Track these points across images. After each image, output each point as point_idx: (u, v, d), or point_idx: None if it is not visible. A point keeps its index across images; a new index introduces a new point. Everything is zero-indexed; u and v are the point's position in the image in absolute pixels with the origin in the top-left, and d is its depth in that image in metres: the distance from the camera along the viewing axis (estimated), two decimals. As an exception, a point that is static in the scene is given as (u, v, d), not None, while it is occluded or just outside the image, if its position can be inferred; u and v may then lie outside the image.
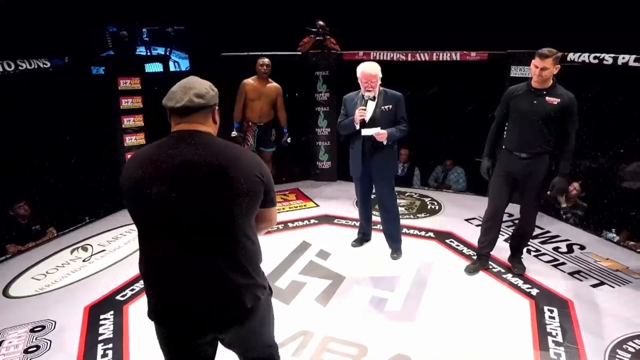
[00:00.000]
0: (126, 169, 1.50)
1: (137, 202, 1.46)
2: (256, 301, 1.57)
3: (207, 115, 1.55)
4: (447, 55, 5.10)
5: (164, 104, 1.54)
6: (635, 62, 3.79)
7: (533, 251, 3.92)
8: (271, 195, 1.61)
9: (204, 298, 1.49)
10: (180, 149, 1.46)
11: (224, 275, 1.49)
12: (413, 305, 3.13)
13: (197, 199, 1.43)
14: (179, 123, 1.52)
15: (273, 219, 1.69)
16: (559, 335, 2.79)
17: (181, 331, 1.55)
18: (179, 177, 1.43)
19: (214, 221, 1.46)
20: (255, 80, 4.73)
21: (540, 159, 3.15)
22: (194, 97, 1.50)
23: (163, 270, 1.51)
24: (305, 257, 3.78)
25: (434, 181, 6.07)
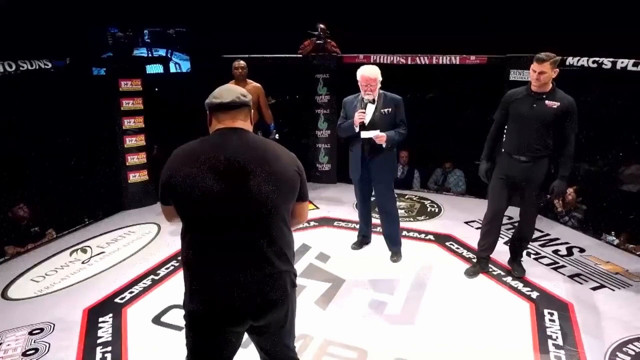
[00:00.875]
0: (172, 163, 1.60)
1: (188, 196, 1.55)
2: (293, 287, 1.70)
3: (248, 114, 1.70)
4: (447, 59, 5.11)
5: (209, 103, 1.66)
6: (633, 67, 3.80)
7: (533, 254, 3.91)
8: (305, 190, 1.73)
9: (251, 283, 1.58)
10: (227, 144, 1.58)
11: (269, 259, 1.60)
12: (413, 308, 3.13)
13: (244, 190, 1.54)
14: (222, 120, 1.65)
15: (305, 214, 1.82)
16: (559, 339, 2.79)
17: (222, 319, 1.61)
18: (228, 170, 1.54)
19: (260, 210, 1.56)
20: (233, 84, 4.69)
21: (539, 162, 3.15)
22: (240, 95, 1.66)
23: (210, 258, 1.58)
24: (305, 260, 3.77)
25: (433, 184, 6.07)
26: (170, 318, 3.00)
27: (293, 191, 1.66)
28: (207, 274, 1.59)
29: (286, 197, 1.63)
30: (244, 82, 4.69)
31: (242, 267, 1.57)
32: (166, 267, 3.71)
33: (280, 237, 1.63)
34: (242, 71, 4.62)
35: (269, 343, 1.76)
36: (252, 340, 1.81)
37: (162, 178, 1.62)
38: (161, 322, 2.98)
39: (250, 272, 1.58)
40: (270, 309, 1.64)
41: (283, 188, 1.60)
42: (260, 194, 1.55)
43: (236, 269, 1.57)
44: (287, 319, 1.73)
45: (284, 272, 1.64)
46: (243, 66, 4.63)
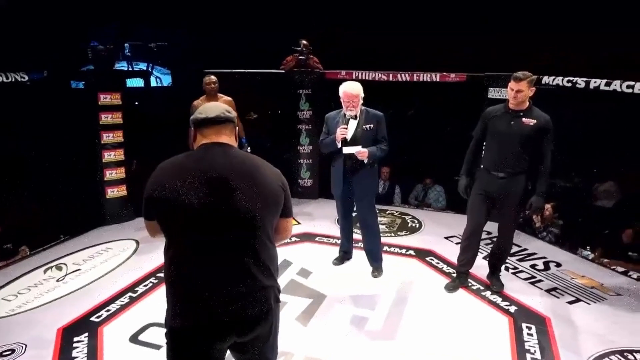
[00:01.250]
0: (156, 178, 1.60)
1: (171, 211, 1.54)
2: (276, 302, 1.70)
3: (233, 130, 1.72)
4: (428, 76, 5.21)
5: (194, 119, 1.68)
6: (605, 87, 3.94)
7: (511, 269, 3.97)
8: (289, 206, 1.75)
9: (235, 298, 1.57)
10: (212, 159, 1.60)
11: (253, 275, 1.59)
12: (394, 324, 3.13)
13: (229, 205, 1.54)
14: (207, 135, 1.66)
15: (289, 230, 1.82)
16: (537, 352, 2.82)
17: (205, 335, 1.59)
18: (213, 185, 1.54)
19: (244, 226, 1.57)
20: (204, 100, 4.66)
21: (516, 178, 3.23)
22: (224, 111, 1.69)
23: (194, 273, 1.57)
24: (286, 276, 3.75)
25: (414, 199, 6.13)
26: (148, 336, 2.94)
27: (277, 207, 1.67)
28: (190, 290, 1.58)
29: (270, 212, 1.64)
30: (215, 97, 4.68)
31: (226, 283, 1.56)
32: (144, 284, 3.64)
33: (264, 252, 1.62)
34: (214, 86, 4.62)
35: (252, 359, 1.74)
36: (235, 357, 1.78)
37: (146, 192, 1.61)
38: (139, 340, 2.91)
39: (234, 287, 1.57)
40: (255, 325, 1.63)
41: (267, 203, 1.61)
42: (244, 209, 1.55)
43: (220, 284, 1.56)
44: (271, 335, 1.72)
45: (268, 287, 1.64)
46: (214, 81, 4.63)
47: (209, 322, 1.57)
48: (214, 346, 1.62)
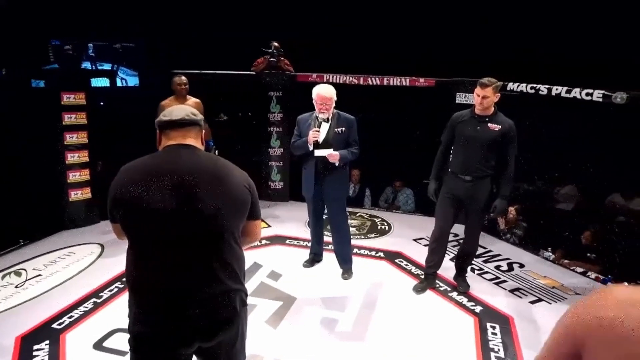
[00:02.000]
0: (120, 180, 1.56)
1: (135, 213, 1.51)
2: (242, 306, 1.67)
3: (199, 133, 1.69)
4: (398, 81, 5.30)
5: (158, 121, 1.65)
6: (566, 94, 4.10)
7: (477, 270, 4.08)
8: (257, 208, 1.72)
9: (200, 302, 1.54)
10: (177, 161, 1.57)
11: (219, 278, 1.57)
12: (363, 325, 3.16)
13: (194, 208, 1.51)
14: (173, 138, 1.63)
15: (257, 233, 1.80)
16: (501, 351, 2.91)
17: (169, 340, 1.56)
18: (178, 187, 1.51)
19: (209, 228, 1.54)
20: (172, 100, 4.60)
21: (482, 181, 3.32)
22: (190, 113, 1.66)
23: (157, 277, 1.54)
24: (256, 279, 3.72)
25: (384, 202, 6.21)
26: (114, 343, 2.86)
27: (244, 209, 1.65)
28: (153, 294, 1.54)
29: (237, 215, 1.62)
30: (184, 99, 4.62)
31: (190, 286, 1.53)
32: (109, 289, 3.54)
33: (230, 255, 1.60)
34: (184, 87, 4.56)
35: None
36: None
37: (109, 194, 1.58)
38: (103, 347, 2.83)
39: (199, 291, 1.54)
40: (221, 329, 1.60)
41: (234, 206, 1.59)
42: (210, 212, 1.52)
43: (184, 288, 1.53)
44: (237, 339, 1.69)
45: (234, 290, 1.61)
46: (185, 82, 4.57)
47: (173, 327, 1.54)
48: (178, 352, 1.59)
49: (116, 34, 6.37)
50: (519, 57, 5.46)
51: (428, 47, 6.16)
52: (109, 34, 6.27)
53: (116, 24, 6.22)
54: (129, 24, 6.29)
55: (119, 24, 6.25)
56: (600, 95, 3.82)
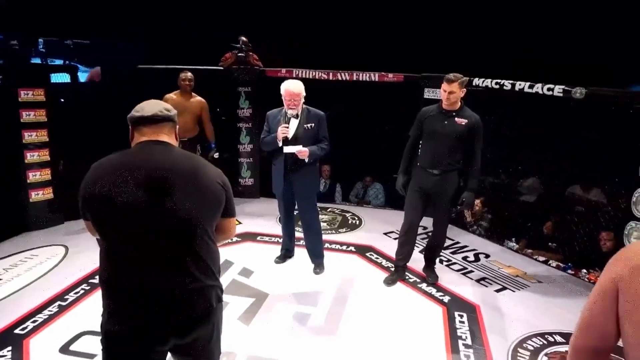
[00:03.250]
0: (90, 177, 1.54)
1: (107, 210, 1.49)
2: (218, 302, 1.67)
3: (172, 129, 1.68)
4: (367, 76, 5.35)
5: (131, 116, 1.63)
6: (529, 89, 4.24)
7: (445, 261, 4.18)
8: (231, 205, 1.72)
9: (175, 298, 1.53)
10: (150, 157, 1.55)
11: (193, 274, 1.56)
12: (336, 318, 3.19)
13: (167, 205, 1.50)
14: (145, 134, 1.61)
15: (232, 230, 1.80)
16: (468, 339, 3.00)
17: (144, 338, 1.54)
18: (150, 184, 1.50)
19: (183, 225, 1.53)
20: (177, 95, 4.61)
21: (450, 175, 3.40)
22: (162, 109, 1.63)
23: (130, 274, 1.53)
24: (227, 276, 3.70)
25: (354, 197, 6.26)
26: (81, 346, 2.79)
27: (218, 206, 1.64)
28: (127, 291, 1.53)
29: (211, 212, 1.62)
30: (189, 95, 4.58)
31: (164, 283, 1.52)
32: (75, 291, 3.45)
33: (204, 252, 1.59)
34: (190, 83, 4.51)
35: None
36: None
37: (80, 192, 1.55)
38: (70, 351, 2.75)
39: (174, 287, 1.53)
40: (196, 325, 1.60)
41: (207, 203, 1.59)
42: (183, 209, 1.52)
43: (158, 285, 1.52)
44: (213, 335, 1.69)
45: (210, 286, 1.61)
46: (190, 78, 4.52)
47: (147, 324, 1.53)
48: (153, 349, 1.58)
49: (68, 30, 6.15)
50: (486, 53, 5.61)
51: (396, 43, 6.23)
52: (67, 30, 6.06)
53: (70, 20, 6.01)
54: (84, 19, 6.09)
55: (73, 20, 6.04)
56: (561, 91, 3.97)
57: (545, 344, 3.00)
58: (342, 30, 6.48)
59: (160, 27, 6.43)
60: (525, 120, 5.03)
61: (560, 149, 4.84)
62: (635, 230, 3.53)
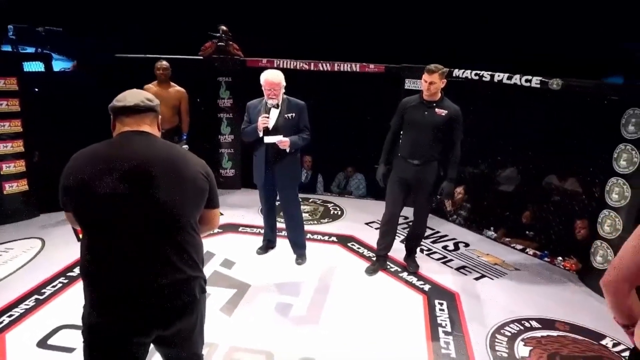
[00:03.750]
0: (71, 167, 1.52)
1: (87, 201, 1.48)
2: (202, 293, 1.67)
3: (155, 119, 1.66)
4: (348, 66, 5.33)
5: (112, 106, 1.60)
6: (507, 80, 4.29)
7: (425, 250, 4.24)
8: (215, 196, 1.72)
9: (157, 290, 1.52)
10: (132, 148, 1.53)
11: (176, 265, 1.55)
12: (317, 308, 3.21)
13: (149, 195, 1.49)
14: (127, 124, 1.59)
15: (215, 221, 1.80)
16: (448, 326, 3.06)
17: (127, 330, 1.53)
18: (132, 174, 1.48)
19: (165, 216, 1.53)
20: (155, 85, 4.53)
21: (430, 165, 3.44)
22: (144, 99, 1.62)
23: (113, 265, 1.50)
24: (209, 267, 3.68)
25: (336, 187, 6.28)
26: (59, 340, 2.74)
27: (201, 197, 1.64)
28: (109, 283, 1.51)
29: (194, 203, 1.61)
30: (167, 85, 4.49)
31: (146, 275, 1.51)
32: (53, 284, 3.38)
33: (187, 243, 1.59)
34: (164, 72, 4.43)
35: (178, 353, 1.71)
36: (160, 351, 1.74)
37: (60, 182, 1.53)
38: (49, 345, 2.71)
39: (157, 279, 1.52)
40: (179, 317, 1.59)
41: (190, 194, 1.58)
42: (166, 199, 1.51)
43: (140, 276, 1.51)
44: (196, 326, 1.69)
45: (193, 278, 1.60)
46: (165, 67, 4.43)
47: (129, 316, 1.52)
48: (136, 341, 1.57)
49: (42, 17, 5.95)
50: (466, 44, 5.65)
51: (377, 34, 6.23)
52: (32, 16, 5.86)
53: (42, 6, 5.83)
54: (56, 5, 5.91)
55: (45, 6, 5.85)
56: (538, 82, 4.03)
57: (522, 330, 3.08)
58: (324, 21, 6.43)
59: (139, 16, 6.29)
60: (504, 111, 5.11)
61: (538, 140, 4.93)
62: (608, 219, 3.63)
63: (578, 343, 2.98)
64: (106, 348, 1.56)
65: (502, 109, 5.07)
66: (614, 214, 3.59)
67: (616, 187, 3.57)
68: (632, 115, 3.47)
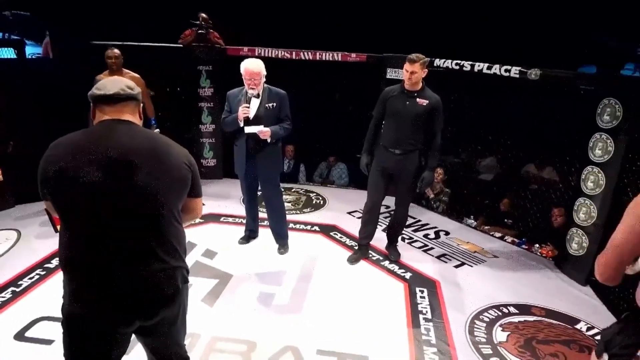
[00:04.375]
0: (49, 156, 1.49)
1: (67, 191, 1.45)
2: (184, 283, 1.67)
3: (136, 108, 1.63)
4: (330, 56, 5.30)
5: (92, 94, 1.57)
6: (487, 70, 4.33)
7: (407, 239, 4.29)
8: (198, 186, 1.71)
9: (139, 280, 1.51)
10: (112, 136, 1.50)
11: (158, 255, 1.54)
12: (300, 297, 3.23)
13: (130, 184, 1.47)
14: (108, 112, 1.56)
15: (198, 210, 1.78)
16: (428, 313, 3.12)
17: (107, 320, 1.52)
18: (113, 163, 1.45)
19: (147, 205, 1.51)
20: (107, 75, 4.37)
21: (411, 154, 3.46)
22: (125, 87, 1.58)
23: (93, 256, 1.49)
24: (190, 257, 3.65)
25: (318, 177, 6.28)
26: (38, 332, 2.70)
27: (184, 186, 1.62)
28: (89, 273, 1.49)
29: (176, 192, 1.59)
30: (120, 72, 4.35)
31: (128, 264, 1.50)
32: (30, 276, 3.32)
33: (169, 232, 1.58)
34: (116, 61, 4.28)
35: (160, 343, 1.71)
36: (142, 342, 1.73)
37: (39, 172, 1.49)
38: (26, 337, 2.67)
39: (138, 268, 1.51)
40: (162, 307, 1.59)
41: (173, 183, 1.56)
42: (147, 189, 1.49)
43: (122, 266, 1.50)
44: (178, 316, 1.69)
45: (175, 267, 1.60)
46: (117, 55, 4.29)
47: (112, 306, 1.51)
48: (117, 331, 1.56)
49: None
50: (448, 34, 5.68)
51: (359, 23, 6.20)
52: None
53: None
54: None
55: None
56: (517, 72, 4.08)
57: (500, 315, 3.16)
58: (306, 10, 6.38)
59: (117, 2, 6.12)
60: (483, 100, 5.17)
61: (517, 129, 5.01)
62: (583, 206, 3.73)
63: (553, 327, 3.07)
64: (86, 339, 1.54)
65: (482, 99, 5.13)
66: (589, 202, 3.69)
67: (591, 175, 3.67)
68: (607, 105, 3.55)
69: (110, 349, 1.58)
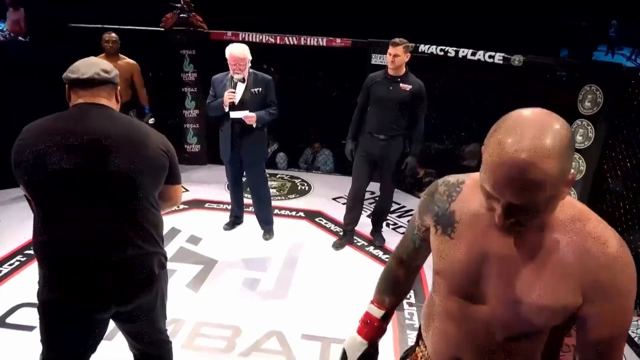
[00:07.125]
0: (21, 140, 1.45)
1: (41, 175, 1.42)
2: (161, 268, 1.65)
3: (112, 92, 1.59)
4: (315, 41, 5.25)
5: (65, 77, 1.53)
6: (472, 56, 4.35)
7: (391, 224, 4.32)
8: (176, 172, 1.68)
9: (114, 265, 1.51)
10: (86, 120, 1.47)
11: (132, 241, 1.53)
12: (285, 282, 3.24)
13: (105, 169, 1.45)
14: (82, 96, 1.52)
15: (177, 197, 1.77)
16: (412, 297, 3.16)
17: (82, 305, 1.52)
18: (87, 148, 1.43)
19: (121, 191, 1.49)
20: (103, 58, 4.31)
21: (395, 140, 3.47)
22: (100, 71, 1.54)
23: (67, 243, 1.48)
24: (174, 244, 3.64)
25: (303, 163, 6.28)
26: (19, 318, 2.68)
27: (161, 173, 1.60)
28: (63, 258, 1.48)
29: (153, 178, 1.57)
30: (116, 57, 4.29)
31: (101, 250, 1.49)
32: (9, 263, 3.27)
33: (145, 218, 1.56)
34: (113, 45, 4.22)
35: (139, 328, 1.71)
36: (120, 328, 1.73)
37: (12, 156, 1.46)
38: (7, 323, 2.64)
39: (112, 254, 1.50)
40: (137, 293, 1.58)
41: (149, 168, 1.54)
42: (123, 175, 1.47)
43: (96, 251, 1.49)
44: (156, 302, 1.68)
45: (152, 253, 1.59)
46: (114, 39, 4.22)
47: (85, 292, 1.49)
48: (92, 317, 1.55)
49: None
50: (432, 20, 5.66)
51: (344, 8, 6.15)
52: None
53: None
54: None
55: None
56: (501, 58, 4.10)
57: (481, 298, 3.21)
58: None
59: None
60: (467, 86, 5.20)
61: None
62: (563, 192, 3.79)
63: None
64: (62, 324, 1.53)
65: (466, 85, 5.16)
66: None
67: (573, 162, 3.72)
68: (588, 91, 3.59)
69: (87, 334, 1.58)
